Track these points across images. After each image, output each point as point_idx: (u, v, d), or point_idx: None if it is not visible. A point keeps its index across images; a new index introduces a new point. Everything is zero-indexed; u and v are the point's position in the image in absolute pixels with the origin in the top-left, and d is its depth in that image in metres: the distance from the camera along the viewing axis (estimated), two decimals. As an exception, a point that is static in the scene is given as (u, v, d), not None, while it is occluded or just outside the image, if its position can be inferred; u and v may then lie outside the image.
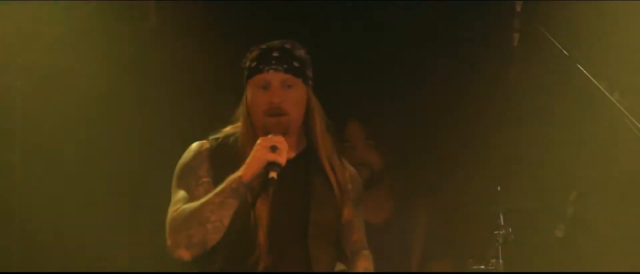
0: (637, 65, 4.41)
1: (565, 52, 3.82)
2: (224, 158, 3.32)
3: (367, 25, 5.12)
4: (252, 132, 3.33)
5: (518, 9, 3.82)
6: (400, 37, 5.09)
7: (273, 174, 3.15)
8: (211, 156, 3.35)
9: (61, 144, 4.81)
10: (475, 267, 4.08)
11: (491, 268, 4.05)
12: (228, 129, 3.42)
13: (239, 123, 3.39)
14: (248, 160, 3.20)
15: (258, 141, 3.21)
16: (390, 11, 5.08)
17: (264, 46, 3.37)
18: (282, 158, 3.17)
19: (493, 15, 4.50)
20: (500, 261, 4.05)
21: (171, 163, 3.45)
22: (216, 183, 3.26)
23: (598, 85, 3.74)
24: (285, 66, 3.31)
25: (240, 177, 3.19)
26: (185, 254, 3.23)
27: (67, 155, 4.83)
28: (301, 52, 3.37)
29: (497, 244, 4.07)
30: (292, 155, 3.33)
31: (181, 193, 3.31)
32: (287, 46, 3.35)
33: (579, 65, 3.78)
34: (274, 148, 3.18)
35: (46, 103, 4.80)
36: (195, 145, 3.40)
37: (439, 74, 5.03)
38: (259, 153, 3.18)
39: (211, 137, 3.42)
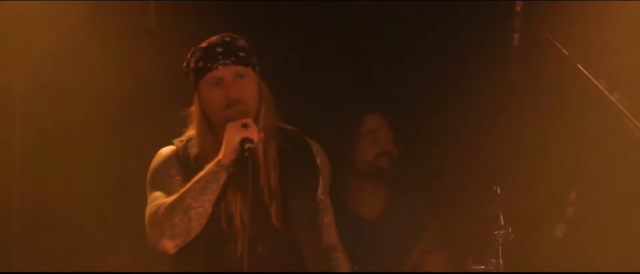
0: (637, 65, 4.41)
1: (565, 52, 3.83)
2: (190, 159, 3.39)
3: (368, 24, 5.12)
4: (209, 130, 3.39)
5: (518, 9, 3.82)
6: (399, 36, 5.08)
7: (249, 145, 3.21)
8: (178, 157, 3.42)
9: (61, 144, 4.80)
10: (475, 267, 4.09)
11: (491, 268, 4.06)
12: (190, 132, 3.47)
13: (194, 125, 3.45)
14: (223, 143, 3.25)
15: (227, 125, 3.26)
16: (390, 11, 5.08)
17: (204, 44, 3.43)
18: (254, 134, 3.24)
19: (493, 15, 4.50)
20: (500, 261, 4.06)
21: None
22: (185, 182, 3.30)
23: (598, 85, 3.74)
24: (232, 59, 3.37)
25: (219, 160, 3.24)
26: (168, 245, 3.25)
27: (67, 155, 4.82)
28: (242, 42, 3.43)
29: (497, 244, 4.07)
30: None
31: (157, 193, 3.36)
32: (227, 39, 3.41)
33: (579, 65, 3.78)
34: (245, 125, 3.25)
35: (46, 103, 4.80)
36: (162, 150, 3.48)
37: (439, 74, 5.02)
38: (232, 133, 3.24)
39: (176, 141, 3.47)
